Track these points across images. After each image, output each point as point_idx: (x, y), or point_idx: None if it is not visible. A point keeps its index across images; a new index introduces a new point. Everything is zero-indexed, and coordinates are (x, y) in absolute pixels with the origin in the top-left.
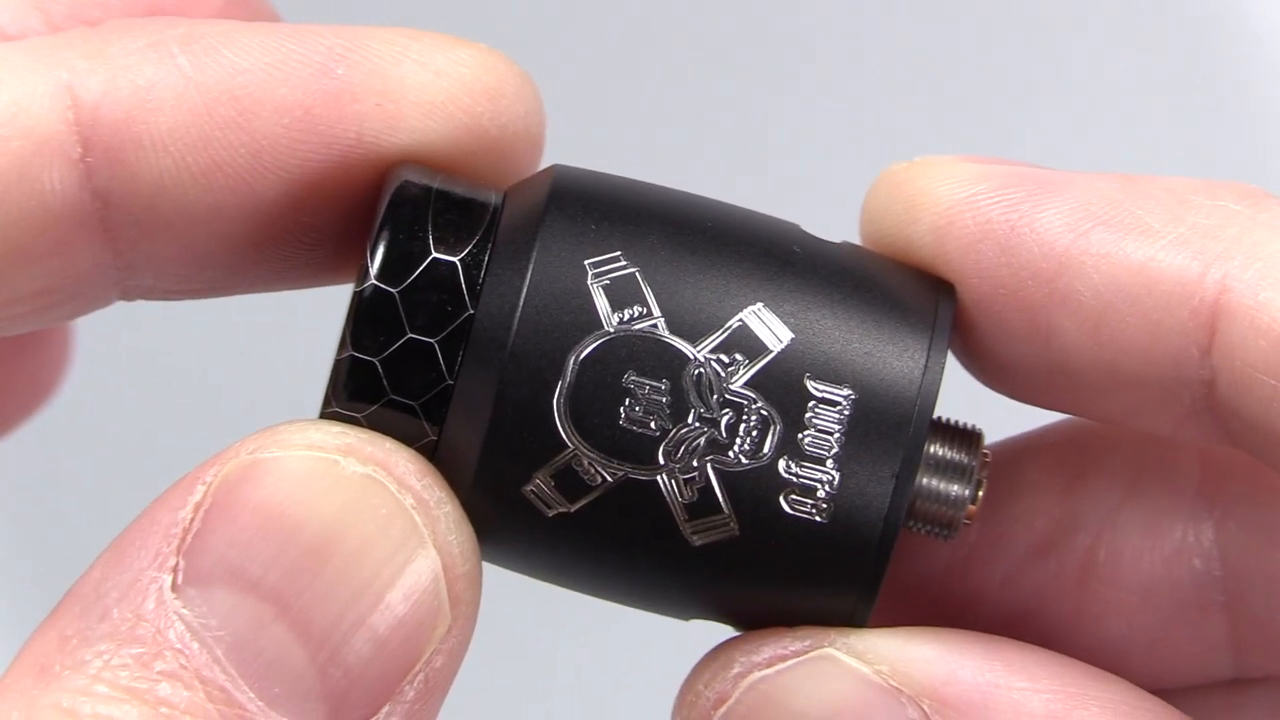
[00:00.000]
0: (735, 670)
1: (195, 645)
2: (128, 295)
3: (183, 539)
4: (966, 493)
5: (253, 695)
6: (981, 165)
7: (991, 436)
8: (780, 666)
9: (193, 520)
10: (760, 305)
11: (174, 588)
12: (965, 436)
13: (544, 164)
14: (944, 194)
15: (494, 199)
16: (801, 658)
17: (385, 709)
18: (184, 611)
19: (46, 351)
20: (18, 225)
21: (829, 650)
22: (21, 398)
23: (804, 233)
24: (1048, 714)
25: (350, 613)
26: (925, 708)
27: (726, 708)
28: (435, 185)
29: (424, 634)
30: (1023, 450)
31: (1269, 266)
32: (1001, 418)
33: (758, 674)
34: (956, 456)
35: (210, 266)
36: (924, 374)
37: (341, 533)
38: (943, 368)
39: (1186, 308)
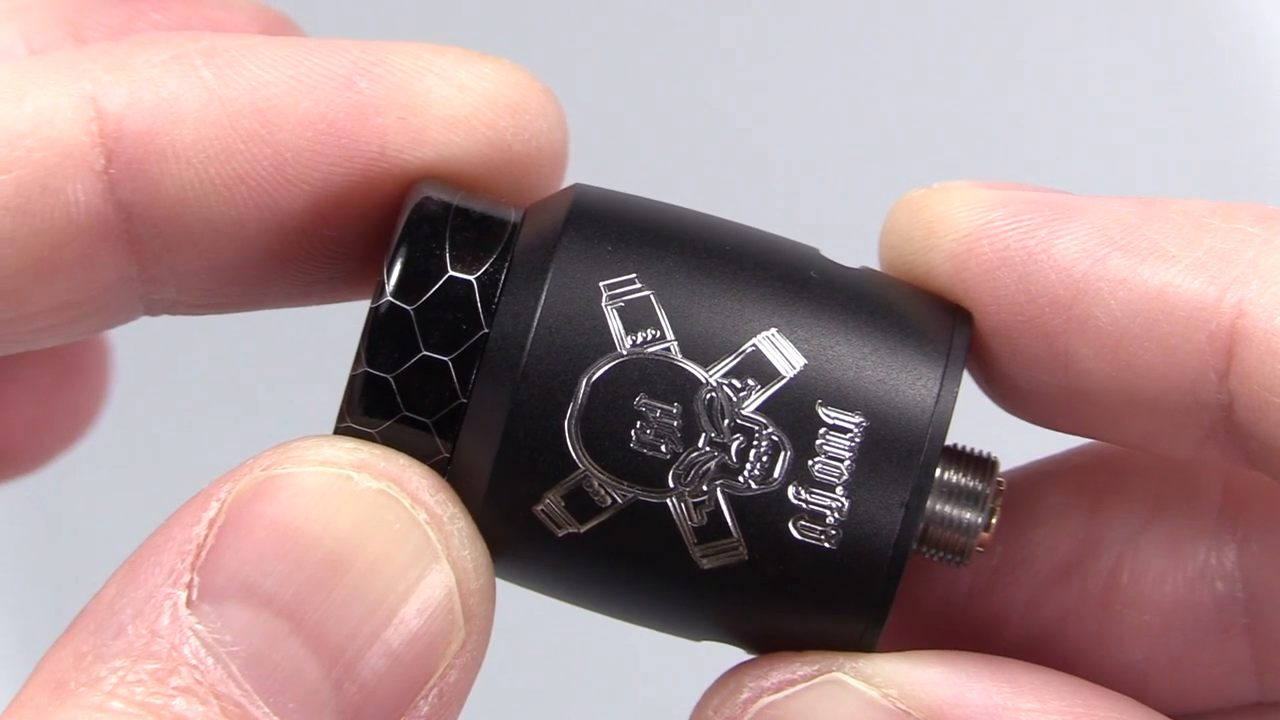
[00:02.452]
0: (744, 696)
1: (210, 661)
2: (152, 309)
3: (197, 555)
4: (979, 520)
5: (268, 710)
6: (999, 191)
7: (1011, 461)
8: (789, 691)
9: (207, 536)
10: (774, 331)
11: (189, 604)
12: (979, 464)
13: (569, 180)
14: (962, 220)
15: (513, 217)
16: (809, 682)
17: None
18: (199, 627)
19: (85, 384)
20: (41, 236)
21: (837, 675)
22: (60, 430)
23: (822, 257)
24: None
25: (365, 628)
26: None
27: None
28: (455, 202)
29: (438, 649)
30: (1045, 474)
31: None
32: (1021, 442)
33: (766, 699)
34: (969, 483)
35: (233, 280)
36: (936, 402)
37: (356, 548)
38: (955, 396)
39: (1203, 332)
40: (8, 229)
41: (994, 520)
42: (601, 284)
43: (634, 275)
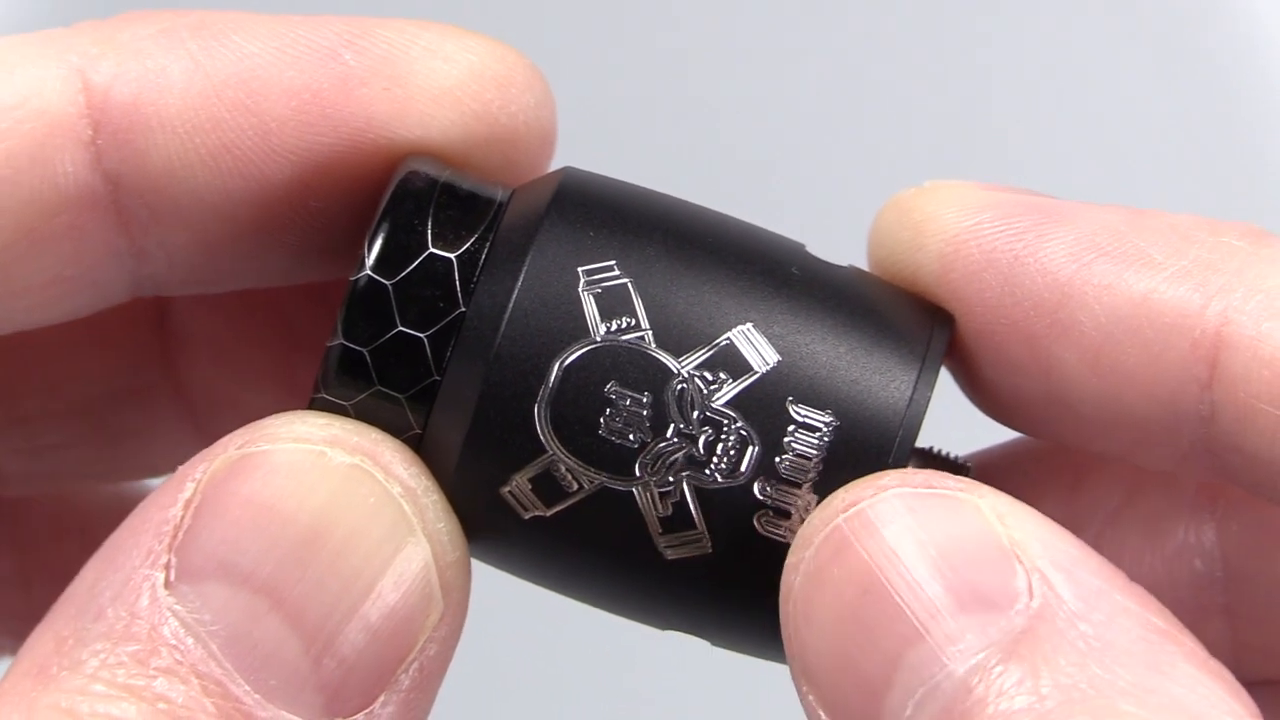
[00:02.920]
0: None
1: (190, 641)
2: (141, 288)
3: (174, 536)
4: None
5: (249, 688)
6: (988, 192)
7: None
8: (927, 492)
9: (183, 517)
10: (750, 325)
11: (167, 585)
12: (951, 468)
13: (560, 163)
14: (950, 221)
15: (500, 196)
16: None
17: (381, 698)
18: (178, 608)
19: None
20: (30, 208)
21: (973, 498)
22: None
23: (806, 253)
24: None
25: (343, 603)
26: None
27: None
28: (442, 179)
29: (417, 622)
30: (1023, 454)
31: (1271, 299)
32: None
33: (905, 489)
34: None
35: (221, 253)
36: (909, 405)
37: (331, 523)
38: (928, 399)
39: (1188, 339)
40: None
41: None
42: (580, 269)
43: (613, 262)
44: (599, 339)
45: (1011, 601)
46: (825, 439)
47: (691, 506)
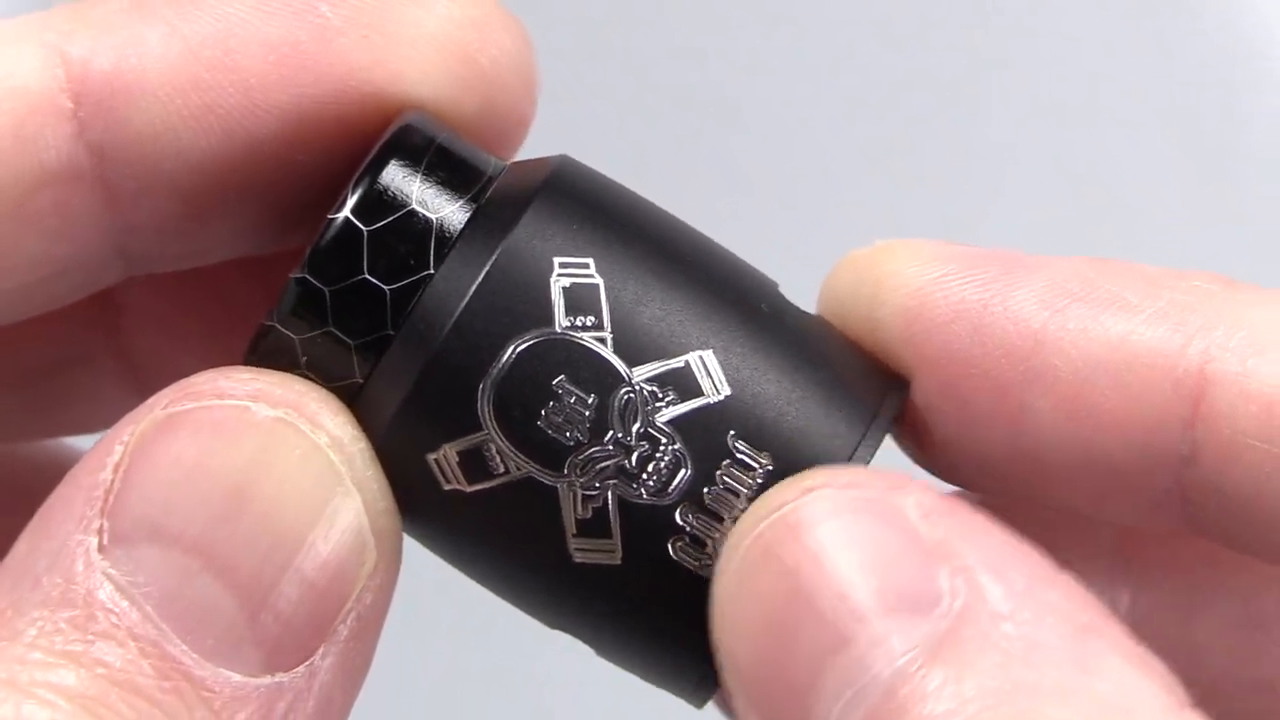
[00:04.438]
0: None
1: (125, 604)
2: (134, 266)
3: (105, 500)
4: None
5: (186, 648)
6: (948, 247)
7: None
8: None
9: (113, 480)
10: (710, 352)
11: (101, 549)
12: None
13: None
14: (912, 275)
15: (492, 167)
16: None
17: (320, 650)
18: (112, 571)
19: None
20: (15, 186)
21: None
22: None
23: (779, 293)
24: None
25: (275, 557)
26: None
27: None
28: (438, 139)
29: (351, 572)
30: None
31: (1254, 334)
32: None
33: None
34: None
35: (212, 222)
36: (848, 463)
37: (258, 478)
38: (868, 461)
39: (1169, 379)
40: None
41: None
42: (555, 259)
43: (589, 261)
44: (559, 330)
45: (935, 603)
46: (757, 480)
47: (611, 516)
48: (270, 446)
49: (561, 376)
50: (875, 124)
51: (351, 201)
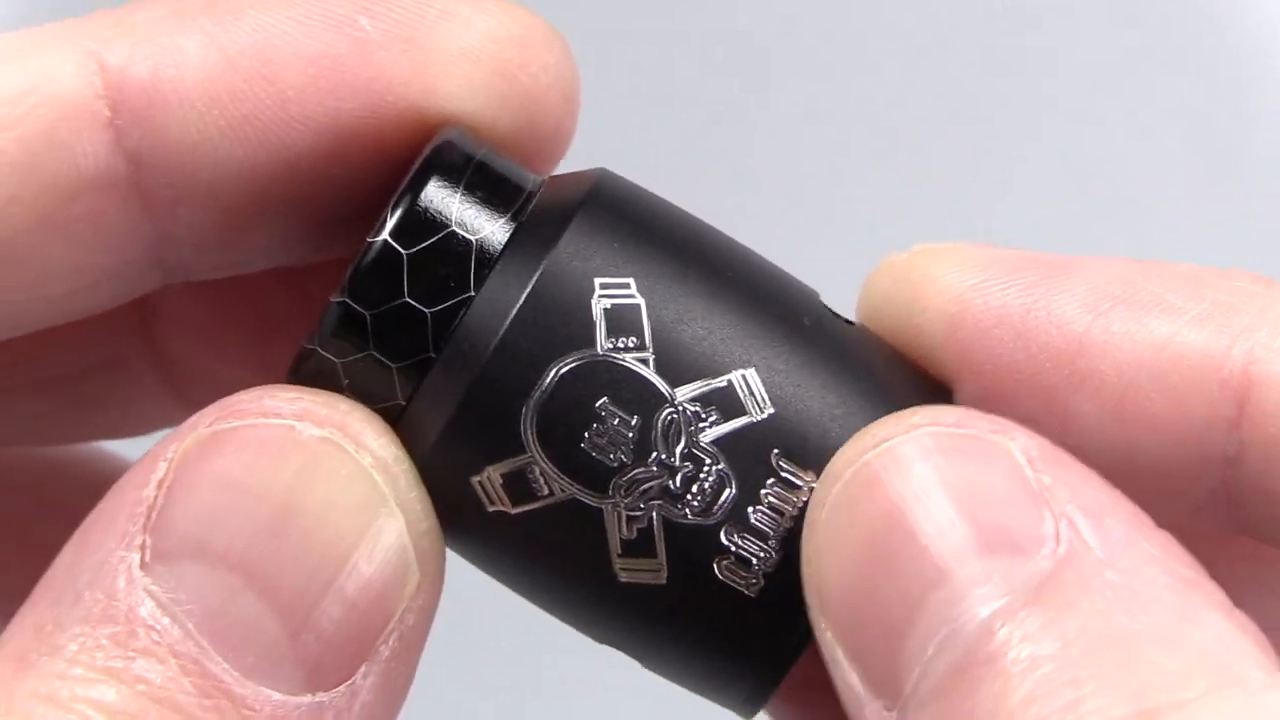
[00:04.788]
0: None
1: (167, 621)
2: (171, 275)
3: (148, 516)
4: None
5: (227, 666)
6: (988, 250)
7: None
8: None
9: (156, 497)
10: (752, 370)
11: (143, 565)
12: None
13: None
14: (954, 281)
15: (530, 184)
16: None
17: (362, 669)
18: (154, 588)
19: None
20: (50, 193)
21: (1006, 442)
22: None
23: (820, 303)
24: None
25: (319, 577)
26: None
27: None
28: (477, 156)
29: (394, 593)
30: None
31: None
32: None
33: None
34: None
35: (248, 232)
36: None
37: (302, 498)
38: None
39: (1215, 379)
40: (15, 187)
41: None
42: (596, 280)
43: (630, 281)
44: (601, 352)
45: (1038, 546)
46: (802, 499)
47: (656, 536)
48: (315, 466)
49: (604, 398)
50: (893, 126)
51: (391, 224)
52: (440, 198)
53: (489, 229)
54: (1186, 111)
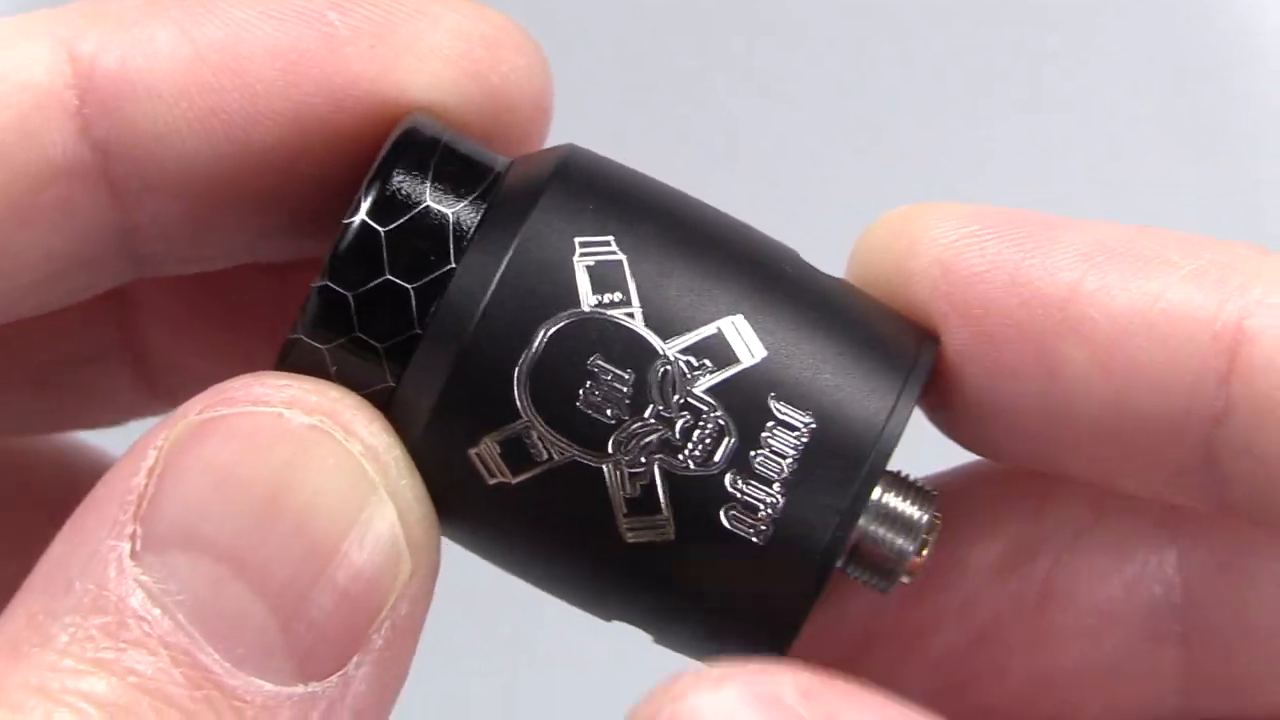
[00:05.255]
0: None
1: (157, 611)
2: (142, 268)
3: (138, 505)
4: (911, 548)
5: (218, 657)
6: (986, 207)
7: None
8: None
9: (147, 486)
10: (740, 317)
11: (133, 555)
12: (920, 494)
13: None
14: (949, 228)
15: (500, 164)
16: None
17: (354, 659)
18: (144, 578)
19: None
20: (20, 182)
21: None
22: None
23: (800, 258)
24: None
25: (308, 566)
26: None
27: None
28: (444, 138)
29: (385, 582)
30: (985, 476)
31: None
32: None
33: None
34: (907, 511)
35: (217, 227)
36: (889, 416)
37: (291, 487)
38: (909, 414)
39: (1208, 332)
40: None
41: (925, 552)
42: (576, 240)
43: (610, 238)
44: (587, 309)
45: None
46: (802, 439)
47: (660, 491)
48: (304, 454)
49: (596, 355)
50: (874, 110)
51: (365, 204)
52: (413, 174)
53: (463, 202)
54: (1174, 93)
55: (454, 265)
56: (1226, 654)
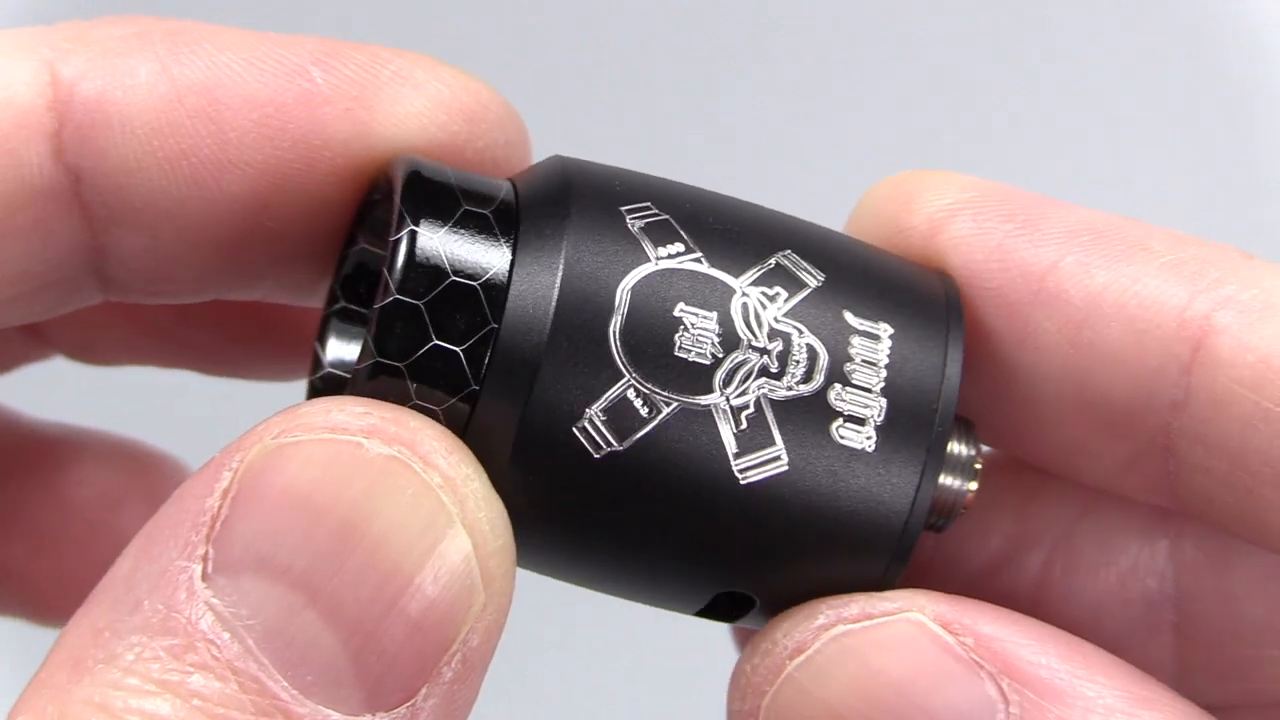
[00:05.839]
0: (819, 621)
1: (226, 635)
2: (108, 290)
3: (211, 527)
4: (968, 485)
5: (286, 684)
6: (988, 181)
7: None
8: (866, 624)
9: (220, 508)
10: (789, 250)
11: (204, 577)
12: (966, 426)
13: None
14: (947, 191)
15: (504, 185)
16: (889, 617)
17: (423, 691)
18: (214, 601)
19: None
20: (1, 199)
21: (916, 615)
22: None
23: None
24: (1112, 710)
25: (381, 597)
26: (1004, 686)
27: (805, 657)
28: (450, 172)
29: (458, 614)
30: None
31: (1267, 295)
32: None
33: (842, 628)
34: (963, 449)
35: (179, 264)
36: (948, 313)
37: (368, 517)
38: (962, 314)
39: (1175, 321)
40: None
41: (974, 486)
42: (622, 208)
43: (648, 203)
44: (657, 263)
45: (991, 715)
46: (887, 345)
47: (770, 419)
48: (381, 485)
49: (680, 302)
50: (873, 109)
51: (410, 217)
52: (439, 186)
53: (492, 206)
54: (1174, 95)
55: (511, 257)
56: (1218, 643)
